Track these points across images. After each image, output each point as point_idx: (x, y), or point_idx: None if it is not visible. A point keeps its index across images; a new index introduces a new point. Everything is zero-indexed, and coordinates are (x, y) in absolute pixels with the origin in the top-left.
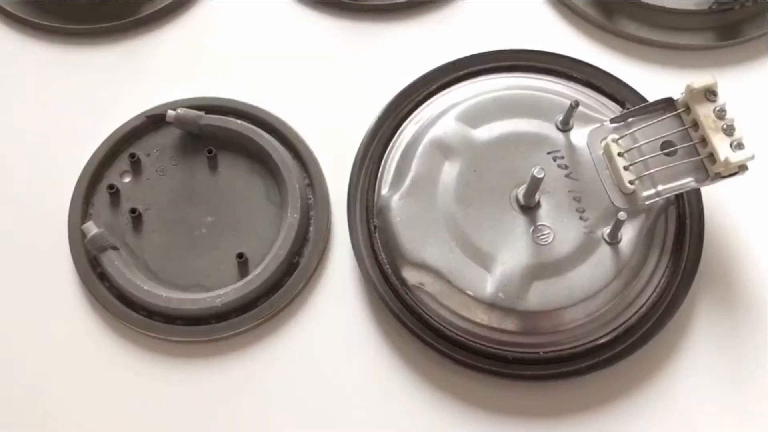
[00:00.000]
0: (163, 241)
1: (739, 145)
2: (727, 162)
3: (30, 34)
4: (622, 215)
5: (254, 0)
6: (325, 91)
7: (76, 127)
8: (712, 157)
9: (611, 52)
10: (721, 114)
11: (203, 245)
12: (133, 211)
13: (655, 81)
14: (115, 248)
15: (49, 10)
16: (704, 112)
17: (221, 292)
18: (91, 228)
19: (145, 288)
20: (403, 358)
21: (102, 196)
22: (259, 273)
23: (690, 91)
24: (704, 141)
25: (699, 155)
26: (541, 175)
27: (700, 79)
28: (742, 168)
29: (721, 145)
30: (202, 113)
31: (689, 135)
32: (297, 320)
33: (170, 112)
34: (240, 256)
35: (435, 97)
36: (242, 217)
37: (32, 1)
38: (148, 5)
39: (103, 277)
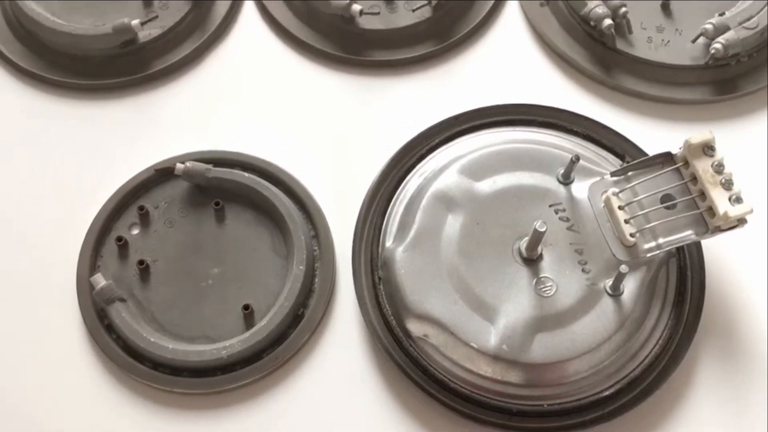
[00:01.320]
0: (170, 292)
1: (738, 199)
2: (726, 216)
3: (42, 89)
4: (623, 268)
5: (261, 54)
6: (331, 144)
7: (87, 180)
8: (711, 210)
9: (610, 107)
10: (719, 168)
11: (210, 296)
12: (141, 262)
13: (653, 135)
14: (122, 300)
15: (62, 66)
16: (702, 167)
17: (227, 343)
18: (100, 280)
19: (152, 340)
20: (407, 409)
21: (110, 248)
22: (265, 324)
23: (688, 146)
24: (703, 195)
25: (698, 209)
26: (544, 229)
27: (697, 134)
28: (741, 221)
29: (719, 199)
30: (210, 166)
31: (688, 189)
32: (302, 372)
33: (179, 165)
34: (246, 307)
35: (438, 151)
36: (248, 268)
37: (45, 57)
38: (157, 61)
39: (110, 328)
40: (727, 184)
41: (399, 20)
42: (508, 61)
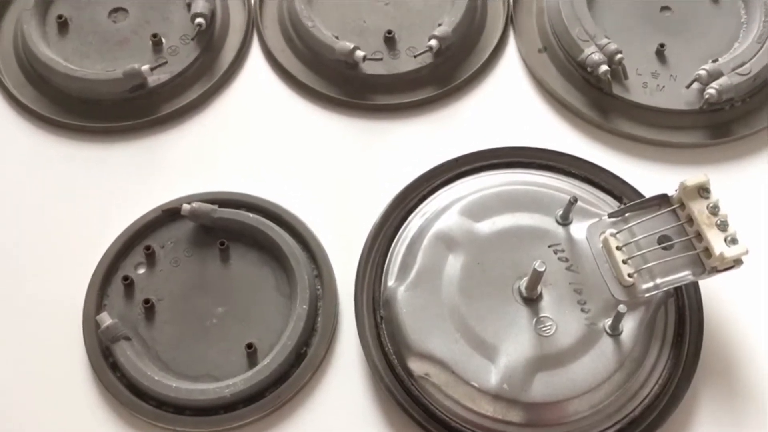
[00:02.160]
0: (175, 331)
1: (734, 240)
2: (722, 257)
3: (54, 132)
4: (622, 308)
5: (267, 99)
6: (335, 185)
7: (95, 220)
8: (707, 251)
9: (608, 150)
10: (714, 210)
11: (214, 335)
12: (146, 301)
13: (650, 177)
14: (127, 338)
15: (74, 109)
16: (698, 208)
17: (230, 382)
18: (105, 319)
19: (156, 378)
20: None
21: (117, 287)
22: (268, 363)
23: (683, 188)
24: (699, 236)
25: (695, 249)
26: (543, 269)
27: (692, 177)
28: (737, 262)
29: (715, 240)
30: (215, 207)
31: (685, 230)
32: (304, 411)
33: (185, 206)
34: (249, 346)
35: (439, 192)
36: (252, 307)
37: (57, 101)
38: (166, 105)
39: (114, 366)
40: (723, 226)
41: (401, 66)
42: (508, 105)
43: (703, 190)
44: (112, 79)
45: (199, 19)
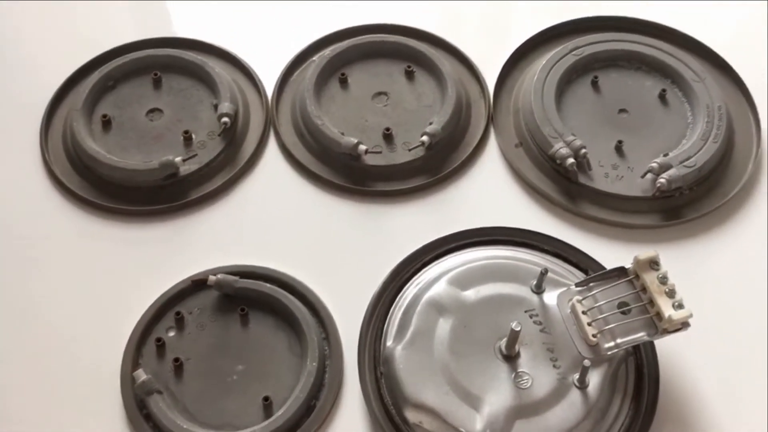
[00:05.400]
0: (201, 386)
1: (680, 306)
2: (670, 319)
3: (97, 214)
4: (586, 362)
5: (282, 185)
6: (340, 260)
7: (133, 289)
8: (659, 315)
9: (575, 229)
10: (663, 280)
11: (234, 390)
12: (176, 360)
13: (611, 253)
14: (159, 392)
15: (114, 194)
16: (650, 279)
17: (249, 431)
18: (141, 375)
19: (184, 427)
20: None
21: (150, 348)
22: (282, 414)
23: (637, 261)
24: (652, 302)
25: (649, 313)
26: (518, 328)
27: (645, 252)
28: (684, 324)
29: (665, 306)
30: (237, 278)
31: (640, 297)
32: None
33: (211, 277)
34: (266, 399)
35: (431, 265)
36: (268, 365)
37: (100, 187)
38: (195, 191)
39: (148, 417)
40: (671, 293)
41: (397, 158)
42: (489, 192)
43: (653, 263)
44: (149, 169)
45: (224, 119)
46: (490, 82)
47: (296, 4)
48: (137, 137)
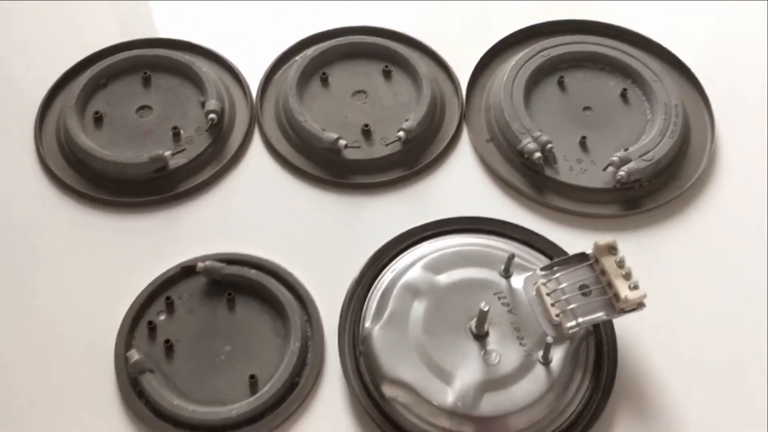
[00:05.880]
0: (190, 366)
1: (635, 287)
2: (626, 299)
3: (90, 206)
4: (549, 339)
5: (266, 178)
6: (322, 248)
7: (125, 276)
8: (616, 296)
9: (541, 219)
10: (621, 264)
11: (222, 369)
12: (166, 342)
13: (574, 241)
14: (151, 371)
15: (106, 187)
16: (609, 263)
17: (236, 406)
18: (133, 355)
19: (175, 403)
20: None
21: (142, 330)
22: (267, 390)
23: (597, 247)
24: (610, 285)
25: (607, 294)
26: (486, 308)
27: (603, 238)
28: (640, 305)
29: (621, 287)
30: (224, 264)
31: (599, 279)
32: (297, 429)
33: (200, 264)
34: (252, 377)
35: (406, 252)
36: (254, 346)
37: (93, 180)
38: (183, 184)
39: (140, 394)
40: (627, 276)
41: (375, 152)
42: (462, 184)
43: (612, 248)
44: (140, 163)
45: (211, 115)
46: (463, 82)
47: (279, 5)
48: (128, 133)
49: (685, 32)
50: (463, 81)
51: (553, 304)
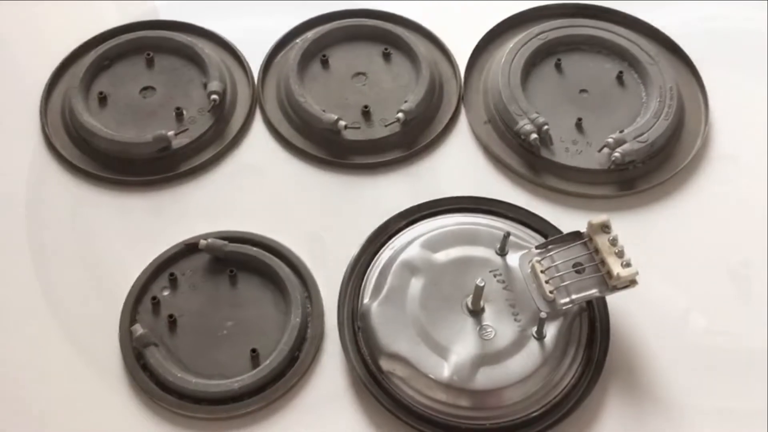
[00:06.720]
0: (193, 339)
1: (628, 265)
2: (619, 276)
3: (95, 184)
4: (542, 314)
5: (267, 158)
6: (322, 226)
7: (129, 253)
8: (609, 273)
9: (537, 199)
10: (614, 242)
11: (224, 343)
12: (170, 317)
13: (570, 220)
14: (155, 345)
15: (111, 166)
16: (602, 241)
17: (238, 379)
18: (138, 329)
19: (179, 376)
20: (380, 430)
21: (146, 305)
22: (268, 364)
23: (591, 225)
24: (603, 262)
25: (600, 272)
26: (482, 284)
27: (597, 217)
28: (632, 282)
29: (614, 265)
30: (226, 242)
31: (593, 257)
32: (297, 402)
33: (202, 242)
34: (253, 351)
35: (405, 231)
36: (255, 321)
37: (98, 159)
38: (186, 163)
39: (145, 367)
40: (620, 254)
41: (375, 133)
42: (460, 164)
43: (605, 227)
44: (144, 143)
45: (213, 96)
46: (462, 64)
47: None
48: (132, 113)
49: (680, 16)
50: (462, 63)
51: (547, 281)
